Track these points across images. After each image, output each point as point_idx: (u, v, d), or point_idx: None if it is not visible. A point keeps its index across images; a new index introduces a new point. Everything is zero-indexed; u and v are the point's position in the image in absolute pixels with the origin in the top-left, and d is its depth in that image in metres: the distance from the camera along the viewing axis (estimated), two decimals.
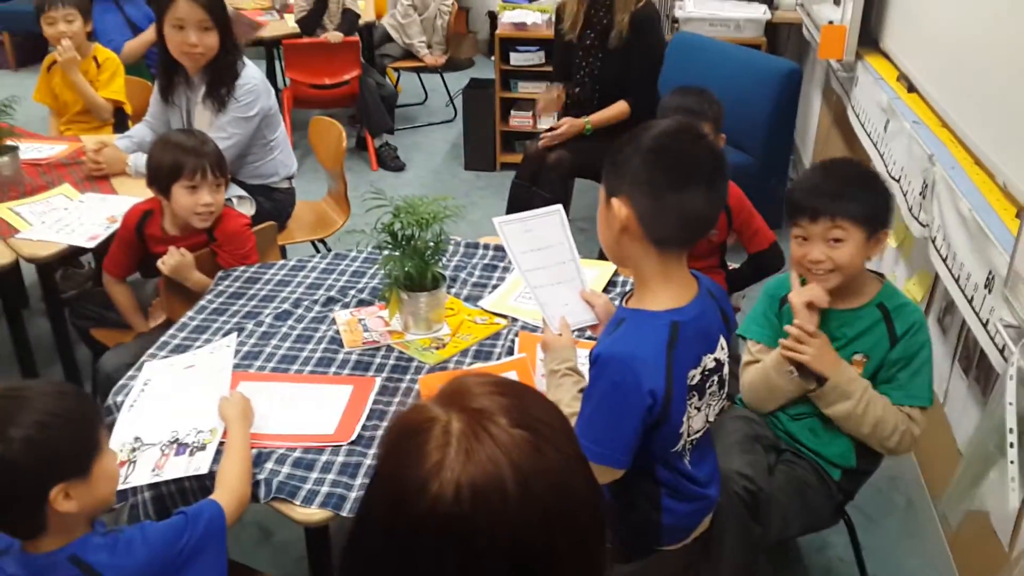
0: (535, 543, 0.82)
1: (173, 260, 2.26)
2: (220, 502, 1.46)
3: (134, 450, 1.66)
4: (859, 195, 1.78)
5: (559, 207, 1.65)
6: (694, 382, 1.43)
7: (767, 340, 1.94)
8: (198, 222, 2.34)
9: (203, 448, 1.64)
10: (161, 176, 2.31)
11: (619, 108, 3.54)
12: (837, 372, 1.80)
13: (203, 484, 1.63)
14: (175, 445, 1.66)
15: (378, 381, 1.85)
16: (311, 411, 1.76)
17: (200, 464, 1.61)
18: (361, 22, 5.13)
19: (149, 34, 3.98)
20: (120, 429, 1.71)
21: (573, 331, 1.66)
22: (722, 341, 1.48)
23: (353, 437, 1.67)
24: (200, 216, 2.33)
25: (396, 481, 0.83)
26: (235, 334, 1.97)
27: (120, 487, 1.59)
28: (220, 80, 2.81)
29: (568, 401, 1.53)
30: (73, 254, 2.66)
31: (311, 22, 4.99)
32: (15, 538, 1.31)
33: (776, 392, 1.90)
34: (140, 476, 1.61)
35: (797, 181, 1.96)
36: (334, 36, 4.83)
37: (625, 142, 1.40)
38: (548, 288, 1.68)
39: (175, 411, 1.75)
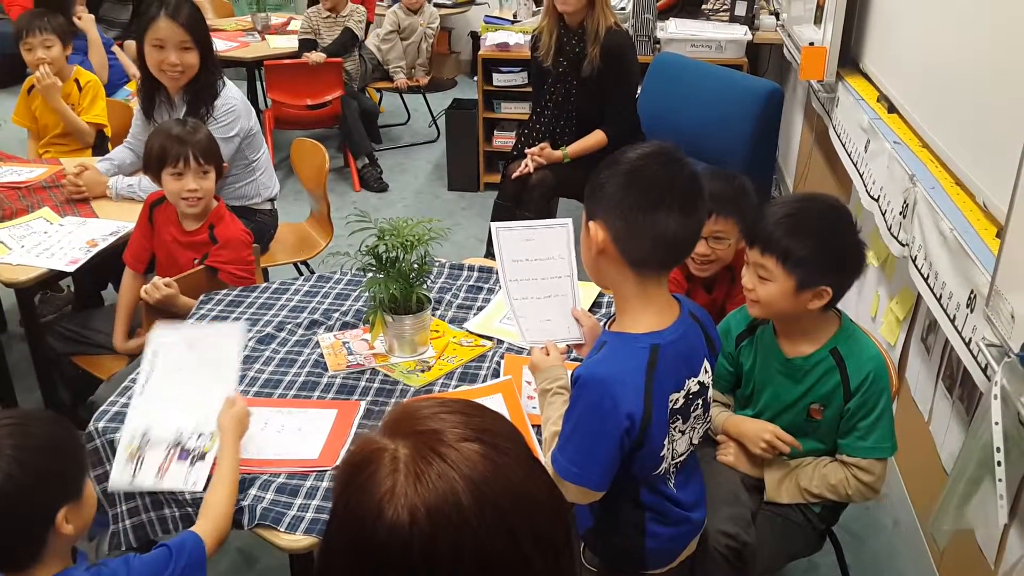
0: (500, 552, 0.83)
1: (159, 294, 2.25)
2: (201, 533, 1.45)
3: (140, 446, 1.66)
4: (800, 241, 1.66)
5: (569, 221, 1.64)
6: (677, 406, 1.43)
7: (723, 382, 1.94)
8: (185, 207, 2.41)
9: (203, 457, 1.64)
10: (151, 162, 2.41)
11: (596, 138, 3.56)
12: (759, 472, 1.87)
13: (185, 512, 1.63)
14: (179, 448, 1.67)
15: (363, 405, 1.83)
16: (295, 435, 1.74)
17: (197, 478, 1.61)
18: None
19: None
20: (133, 416, 1.71)
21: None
22: (706, 364, 1.48)
23: (338, 462, 1.66)
24: (187, 201, 2.40)
25: (352, 516, 0.84)
26: (245, 323, 1.88)
27: (128, 488, 1.62)
28: (200, 99, 2.82)
29: (555, 419, 1.52)
30: (53, 278, 2.63)
31: (311, 44, 5.04)
32: (4, 571, 1.29)
33: None
34: (145, 478, 1.63)
35: (773, 200, 1.92)
36: (316, 56, 4.83)
37: (605, 165, 1.41)
38: (530, 301, 1.66)
39: (182, 405, 1.72)
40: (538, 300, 1.66)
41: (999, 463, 1.49)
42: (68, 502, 1.28)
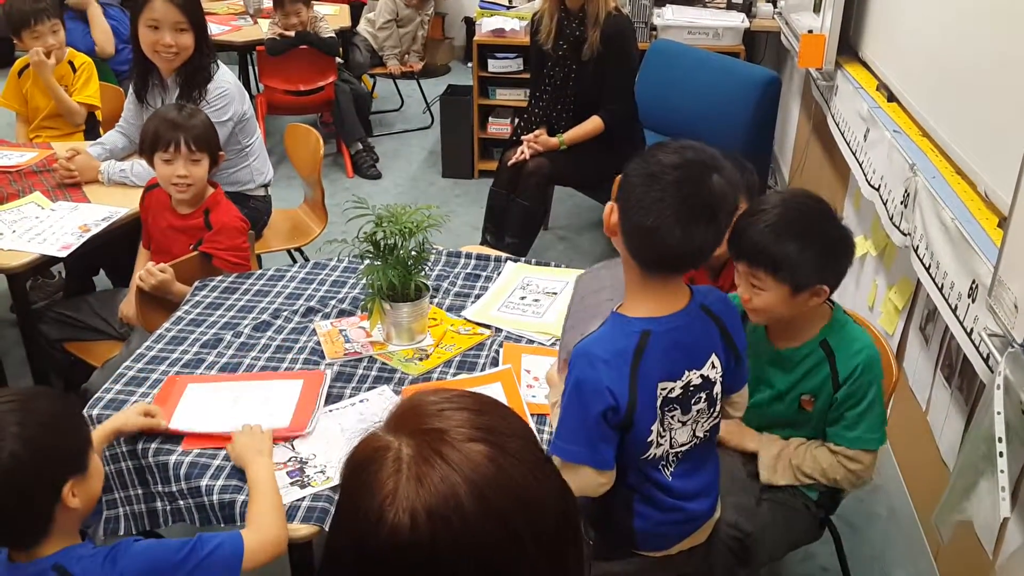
0: (501, 555, 0.82)
1: (154, 279, 2.22)
2: (244, 538, 1.41)
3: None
4: (787, 250, 1.63)
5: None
6: (673, 395, 1.43)
7: None
8: (175, 192, 2.42)
9: (307, 486, 1.58)
10: (145, 146, 2.41)
11: (593, 124, 3.54)
12: (755, 445, 1.86)
13: (200, 502, 1.59)
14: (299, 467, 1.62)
15: (328, 374, 1.84)
16: (262, 407, 1.75)
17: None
18: (337, 27, 5.09)
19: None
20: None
21: None
22: (714, 359, 1.47)
23: (309, 429, 1.68)
24: (176, 187, 2.40)
25: (354, 516, 0.83)
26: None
27: None
28: (193, 82, 2.79)
29: None
30: (44, 264, 2.60)
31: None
32: (12, 547, 1.30)
33: None
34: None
35: (748, 208, 1.78)
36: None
37: (643, 152, 1.38)
38: (577, 332, 1.59)
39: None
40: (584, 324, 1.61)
41: (1001, 453, 1.48)
42: (74, 475, 1.30)
